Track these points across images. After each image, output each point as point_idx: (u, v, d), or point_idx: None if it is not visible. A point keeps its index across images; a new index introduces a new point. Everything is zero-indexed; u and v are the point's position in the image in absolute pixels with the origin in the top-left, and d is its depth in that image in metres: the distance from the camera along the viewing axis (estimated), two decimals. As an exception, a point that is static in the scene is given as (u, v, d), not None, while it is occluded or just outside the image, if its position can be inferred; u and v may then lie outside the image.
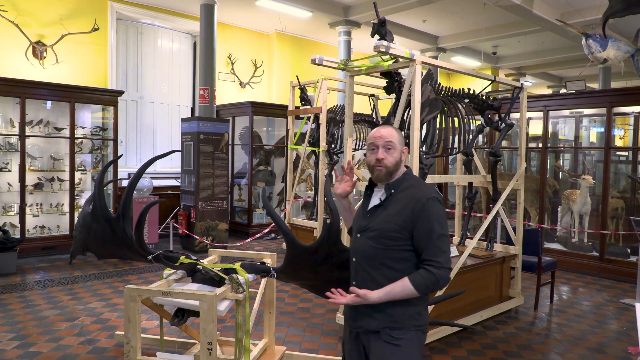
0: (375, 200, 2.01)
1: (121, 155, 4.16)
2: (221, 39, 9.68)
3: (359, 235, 1.99)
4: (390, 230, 1.88)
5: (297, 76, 7.51)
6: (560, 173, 8.22)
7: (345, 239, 4.23)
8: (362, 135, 7.46)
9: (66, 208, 7.08)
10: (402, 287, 1.83)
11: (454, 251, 4.28)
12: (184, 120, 7.66)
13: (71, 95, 6.92)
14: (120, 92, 7.50)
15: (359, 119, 6.83)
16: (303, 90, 7.38)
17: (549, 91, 16.95)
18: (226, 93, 10.03)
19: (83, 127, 7.32)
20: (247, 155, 8.96)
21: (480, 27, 10.93)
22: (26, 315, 4.38)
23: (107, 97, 7.32)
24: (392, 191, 1.95)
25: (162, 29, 9.44)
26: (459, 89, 4.50)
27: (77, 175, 7.28)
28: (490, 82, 4.62)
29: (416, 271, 1.86)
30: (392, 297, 1.84)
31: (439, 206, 1.90)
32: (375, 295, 1.84)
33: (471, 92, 4.58)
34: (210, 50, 8.14)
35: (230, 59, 10.15)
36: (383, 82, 4.25)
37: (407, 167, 2.04)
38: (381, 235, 1.90)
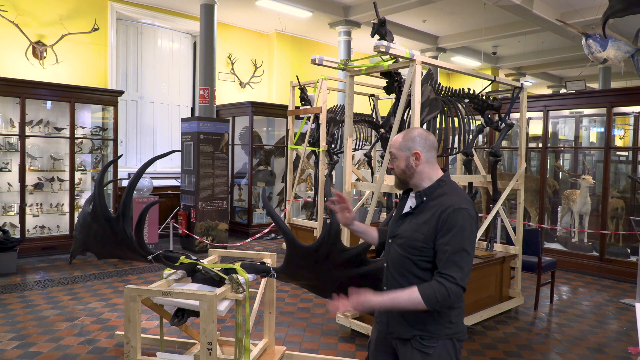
0: (408, 207, 1.95)
1: (121, 155, 4.16)
2: (221, 39, 9.68)
3: (390, 240, 1.94)
4: (416, 240, 1.80)
5: (297, 76, 7.51)
6: (560, 173, 8.22)
7: (346, 240, 4.23)
8: (362, 135, 7.45)
9: (66, 208, 7.09)
10: (409, 296, 1.72)
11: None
12: (184, 120, 7.66)
13: (71, 95, 6.92)
14: (120, 92, 7.50)
15: (359, 119, 6.81)
16: (303, 90, 7.38)
17: (549, 91, 16.95)
18: (226, 93, 10.03)
19: (83, 127, 7.32)
20: (247, 155, 8.96)
21: (480, 27, 10.93)
22: (26, 315, 4.38)
23: (107, 97, 7.32)
24: (424, 199, 1.85)
25: (162, 29, 9.44)
26: (459, 89, 4.50)
27: (77, 175, 7.28)
28: (490, 82, 4.62)
29: (427, 282, 1.75)
30: (397, 305, 1.74)
31: (466, 218, 1.74)
32: (378, 299, 1.76)
33: (471, 92, 4.58)
34: (210, 50, 8.14)
35: (230, 59, 10.15)
36: (383, 82, 4.26)
37: (444, 170, 1.90)
38: (408, 243, 1.83)
